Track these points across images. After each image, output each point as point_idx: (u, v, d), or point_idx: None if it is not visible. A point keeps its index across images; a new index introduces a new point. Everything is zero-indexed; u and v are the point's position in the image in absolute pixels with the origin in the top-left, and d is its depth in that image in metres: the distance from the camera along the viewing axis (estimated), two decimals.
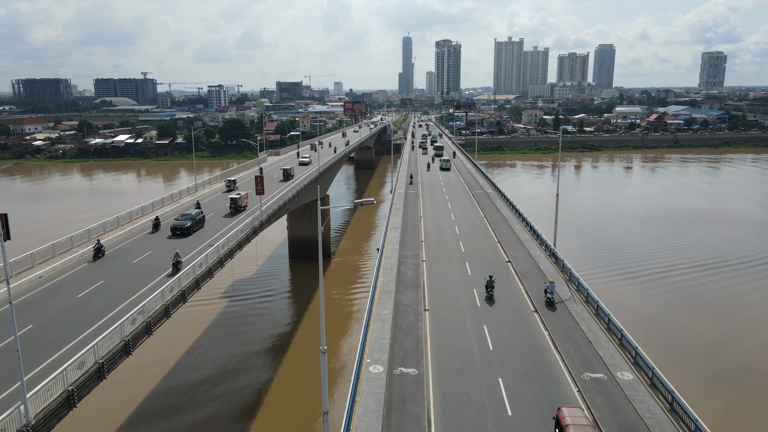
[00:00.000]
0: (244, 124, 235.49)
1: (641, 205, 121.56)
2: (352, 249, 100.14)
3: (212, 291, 69.85)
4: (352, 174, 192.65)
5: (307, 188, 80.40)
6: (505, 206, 66.42)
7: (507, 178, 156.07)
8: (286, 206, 61.36)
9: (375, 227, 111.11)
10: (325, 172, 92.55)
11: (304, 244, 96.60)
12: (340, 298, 73.79)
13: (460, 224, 58.37)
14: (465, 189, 79.73)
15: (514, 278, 42.12)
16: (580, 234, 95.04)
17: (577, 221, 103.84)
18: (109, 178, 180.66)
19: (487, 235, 53.94)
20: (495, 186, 78.01)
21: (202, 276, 37.94)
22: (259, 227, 53.04)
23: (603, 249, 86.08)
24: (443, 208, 66.10)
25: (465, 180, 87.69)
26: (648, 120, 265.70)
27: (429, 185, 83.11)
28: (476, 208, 66.70)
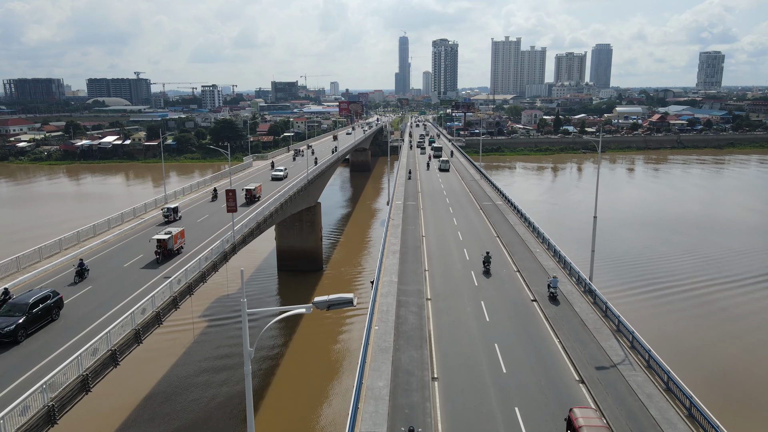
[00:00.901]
0: (235, 125, 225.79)
1: (661, 211, 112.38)
2: (346, 260, 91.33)
3: (183, 316, 60.47)
4: (347, 177, 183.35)
5: (295, 197, 71.43)
6: (519, 222, 57.55)
7: (514, 182, 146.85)
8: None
9: (370, 238, 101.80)
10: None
11: (293, 255, 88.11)
12: (333, 323, 64.68)
13: (470, 246, 49.17)
14: (471, 199, 70.51)
15: (545, 326, 32.86)
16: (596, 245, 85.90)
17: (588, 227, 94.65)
18: (89, 182, 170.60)
19: (503, 262, 44.66)
20: (505, 196, 69.33)
21: None
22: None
23: (628, 262, 76.90)
24: (448, 224, 56.85)
25: (469, 188, 78.43)
26: (650, 120, 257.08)
27: (430, 194, 73.72)
28: (486, 224, 57.43)
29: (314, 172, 78.45)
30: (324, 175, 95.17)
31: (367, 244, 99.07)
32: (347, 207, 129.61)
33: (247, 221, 48.38)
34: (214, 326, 62.80)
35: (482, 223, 57.42)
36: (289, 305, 71.14)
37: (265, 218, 53.27)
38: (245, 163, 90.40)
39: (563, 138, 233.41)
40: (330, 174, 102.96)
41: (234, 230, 44.62)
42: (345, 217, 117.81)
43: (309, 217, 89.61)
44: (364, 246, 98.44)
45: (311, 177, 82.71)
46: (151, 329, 29.42)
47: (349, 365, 48.93)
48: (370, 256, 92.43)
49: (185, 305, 36.42)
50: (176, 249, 42.06)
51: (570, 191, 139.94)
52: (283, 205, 61.69)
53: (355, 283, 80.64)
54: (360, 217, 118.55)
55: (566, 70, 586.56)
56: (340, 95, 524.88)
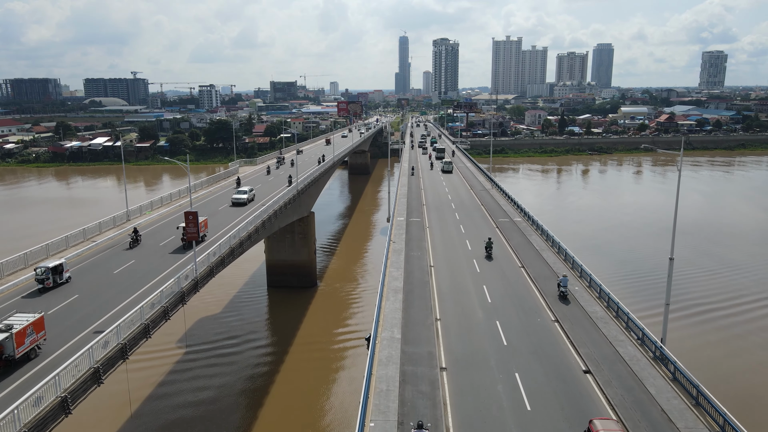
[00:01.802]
0: (231, 126, 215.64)
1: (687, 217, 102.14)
2: (342, 274, 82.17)
3: (162, 340, 50.76)
4: (346, 180, 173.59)
5: (284, 209, 61.93)
6: (546, 247, 46.88)
7: (525, 186, 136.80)
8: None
9: (369, 248, 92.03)
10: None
11: (284, 270, 78.78)
12: (324, 348, 55.31)
13: (491, 282, 39.03)
14: (484, 214, 61.00)
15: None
16: (617, 255, 75.95)
17: (605, 235, 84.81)
18: (71, 186, 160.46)
19: (534, 306, 34.55)
20: (524, 212, 59.39)
21: None
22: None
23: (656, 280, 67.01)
24: (460, 248, 46.82)
25: (480, 199, 68.20)
26: (657, 121, 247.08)
27: (436, 207, 63.35)
28: (507, 250, 47.14)
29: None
30: (318, 183, 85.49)
31: (365, 256, 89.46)
32: (344, 214, 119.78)
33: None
34: (190, 356, 53.33)
35: (501, 248, 47.56)
36: (281, 327, 57.13)
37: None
38: (230, 170, 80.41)
39: (569, 139, 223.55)
40: (325, 180, 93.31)
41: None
42: (342, 226, 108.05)
43: (301, 228, 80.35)
44: (362, 258, 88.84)
45: (301, 187, 73.00)
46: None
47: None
48: (369, 271, 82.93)
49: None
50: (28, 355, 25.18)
51: (587, 194, 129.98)
52: (265, 223, 52.06)
53: (351, 303, 71.40)
54: (358, 225, 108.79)
55: (568, 70, 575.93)
56: (340, 95, 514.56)
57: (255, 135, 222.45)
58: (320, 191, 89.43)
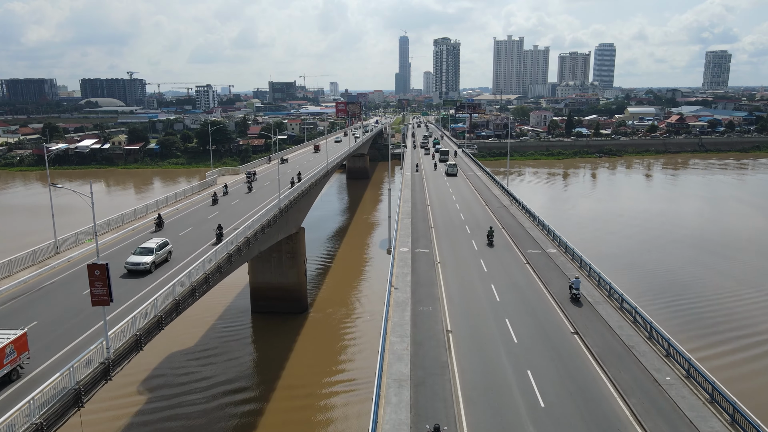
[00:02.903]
0: (224, 128, 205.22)
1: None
2: (337, 298, 72.20)
3: (119, 383, 40.25)
4: (344, 184, 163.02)
5: (270, 225, 51.72)
6: (602, 299, 33.68)
7: (535, 190, 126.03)
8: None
9: (368, 266, 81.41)
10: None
11: (270, 294, 69.11)
12: (312, 394, 45.20)
13: (535, 360, 26.70)
14: (507, 243, 47.64)
15: None
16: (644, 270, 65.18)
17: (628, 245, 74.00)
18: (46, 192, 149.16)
19: (598, 394, 23.55)
20: (557, 238, 46.26)
21: None
22: None
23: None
24: (485, 298, 34.42)
25: (500, 220, 55.80)
26: (667, 122, 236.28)
27: (446, 229, 51.90)
28: (546, 299, 34.68)
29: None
30: (310, 194, 74.92)
31: (363, 275, 79.01)
32: (341, 224, 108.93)
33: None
34: (151, 405, 42.92)
35: (538, 295, 35.16)
36: (264, 365, 53.17)
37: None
38: (208, 180, 69.48)
39: (576, 141, 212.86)
40: (318, 189, 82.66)
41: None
42: (337, 239, 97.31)
43: (290, 246, 70.06)
44: (360, 277, 78.41)
45: (286, 204, 62.44)
46: None
47: None
48: (367, 294, 72.49)
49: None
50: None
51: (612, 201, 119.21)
52: (237, 252, 41.55)
53: (346, 334, 61.40)
54: (356, 237, 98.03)
55: (570, 70, 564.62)
56: (340, 96, 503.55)
57: (250, 137, 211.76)
58: (312, 203, 78.87)
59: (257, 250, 50.80)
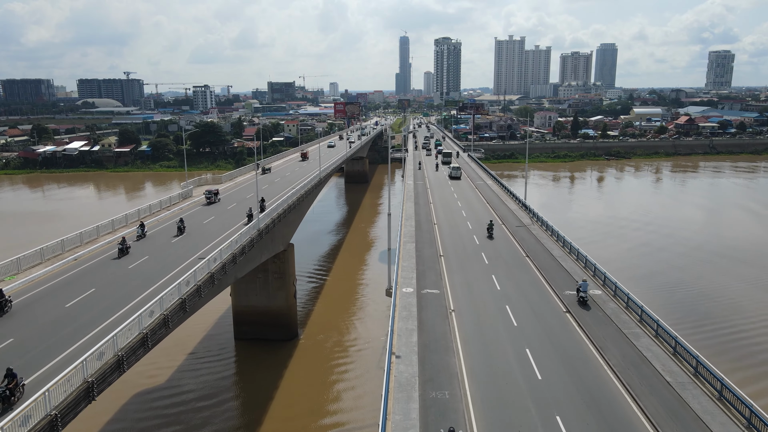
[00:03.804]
0: (218, 129, 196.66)
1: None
2: (331, 322, 64.43)
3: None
4: (342, 189, 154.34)
5: (255, 242, 43.53)
6: (687, 380, 23.84)
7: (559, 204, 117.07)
8: None
9: (366, 284, 72.68)
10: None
11: (256, 319, 59.52)
12: None
13: None
14: (536, 279, 37.71)
15: None
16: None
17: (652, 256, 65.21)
18: (34, 197, 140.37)
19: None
20: (604, 276, 35.68)
21: None
22: None
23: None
24: (521, 376, 24.68)
25: (523, 245, 45.46)
26: (676, 123, 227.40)
27: (461, 262, 41.73)
28: (615, 388, 23.85)
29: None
30: (301, 206, 66.31)
31: (360, 294, 70.32)
32: (336, 235, 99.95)
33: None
34: None
35: (591, 364, 25.62)
36: (249, 397, 46.98)
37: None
38: (183, 192, 60.62)
39: (583, 143, 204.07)
40: (311, 201, 74.00)
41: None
42: (332, 252, 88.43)
43: (277, 266, 61.84)
44: (356, 297, 69.78)
45: (275, 216, 53.88)
46: None
47: None
48: (363, 316, 64.03)
49: None
50: None
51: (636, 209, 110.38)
52: (212, 278, 32.94)
53: (341, 364, 53.64)
54: (353, 250, 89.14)
55: (572, 70, 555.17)
56: (339, 96, 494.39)
57: (246, 138, 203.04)
58: (303, 216, 70.22)
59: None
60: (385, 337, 62.82)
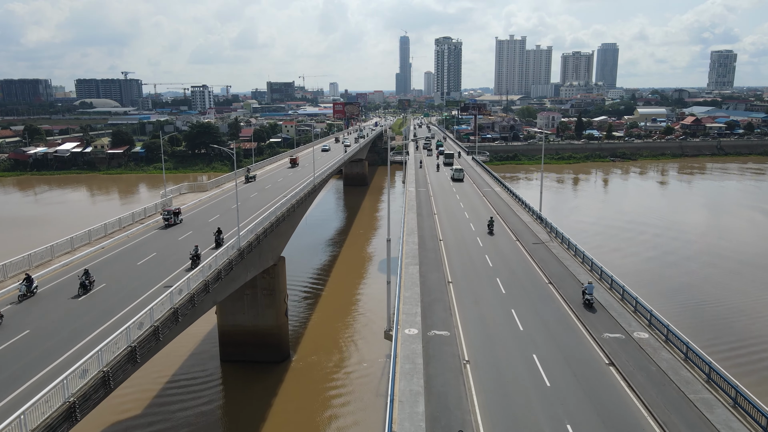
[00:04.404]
0: (214, 130, 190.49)
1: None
2: (323, 343, 59.11)
3: None
4: (340, 191, 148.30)
5: (244, 255, 37.33)
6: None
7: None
8: None
9: (362, 296, 66.44)
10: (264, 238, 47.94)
11: (244, 339, 54.04)
12: None
13: None
14: (565, 316, 30.96)
15: None
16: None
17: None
18: (19, 201, 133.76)
19: None
20: (640, 308, 30.43)
21: None
22: None
23: None
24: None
25: (545, 269, 38.71)
26: (682, 123, 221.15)
27: (474, 295, 34.12)
28: None
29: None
30: (293, 216, 60.20)
31: (359, 310, 64.22)
32: (332, 244, 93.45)
33: None
34: None
35: None
36: (235, 426, 41.77)
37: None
38: (163, 201, 54.39)
39: (588, 144, 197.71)
40: (304, 209, 67.85)
41: None
42: (328, 263, 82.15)
43: (267, 282, 56.00)
44: (354, 313, 63.71)
45: (266, 225, 47.98)
46: None
47: None
48: (363, 336, 58.07)
49: None
50: None
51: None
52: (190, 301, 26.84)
53: (335, 388, 48.18)
54: (351, 259, 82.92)
55: (573, 70, 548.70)
56: (339, 96, 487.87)
57: (242, 140, 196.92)
58: (295, 226, 64.11)
59: None
60: (383, 359, 57.05)
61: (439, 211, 57.41)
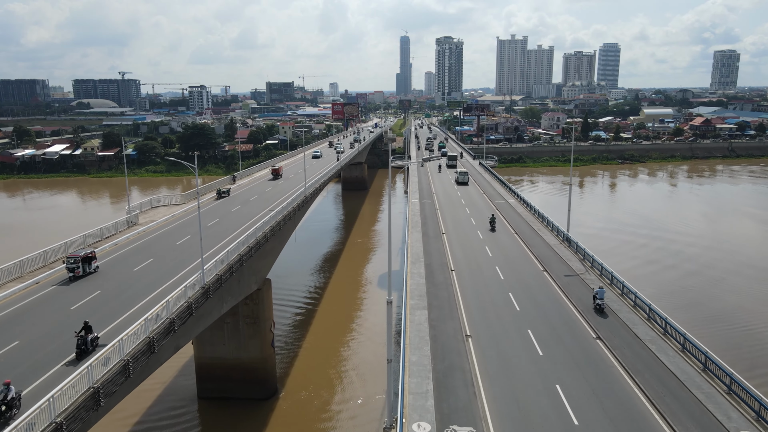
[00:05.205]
0: (209, 132, 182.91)
1: None
2: (314, 377, 51.43)
3: None
4: (339, 195, 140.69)
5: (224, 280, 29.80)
6: None
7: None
8: None
9: (360, 318, 58.67)
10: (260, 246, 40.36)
11: (224, 374, 47.68)
12: None
13: None
14: (635, 400, 21.60)
15: None
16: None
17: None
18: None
19: None
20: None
21: None
22: None
23: None
24: None
25: (587, 317, 29.77)
26: (691, 124, 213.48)
27: (488, 330, 28.28)
28: None
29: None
30: (282, 231, 52.68)
31: (355, 337, 56.59)
32: (327, 258, 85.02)
33: None
34: None
35: None
36: None
37: None
38: (129, 217, 46.67)
39: (594, 146, 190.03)
40: (293, 225, 60.24)
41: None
42: (322, 280, 74.05)
43: (250, 309, 48.79)
44: (350, 340, 56.11)
45: (252, 243, 40.46)
46: None
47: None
48: (359, 368, 50.60)
49: None
50: None
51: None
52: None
53: (329, 429, 40.39)
54: (347, 275, 75.15)
55: (575, 70, 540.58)
56: (339, 96, 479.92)
57: (238, 141, 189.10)
58: (285, 241, 56.55)
59: None
60: (382, 396, 49.64)
61: (447, 230, 49.27)
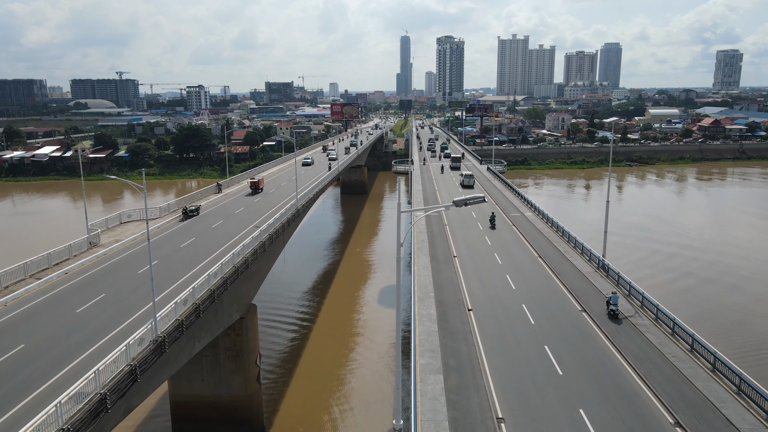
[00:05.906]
0: (204, 133, 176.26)
1: None
2: (307, 417, 45.38)
3: None
4: (338, 200, 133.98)
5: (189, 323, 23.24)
6: None
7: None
8: None
9: (355, 358, 51.82)
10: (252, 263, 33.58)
11: (203, 413, 41.92)
12: None
13: None
14: None
15: None
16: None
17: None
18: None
19: None
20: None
21: None
22: None
23: None
24: None
25: (639, 367, 23.25)
26: (700, 125, 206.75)
27: (525, 402, 21.01)
28: None
29: None
30: (271, 248, 46.12)
31: (352, 366, 49.80)
32: (320, 274, 77.34)
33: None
34: None
35: None
36: None
37: None
38: (89, 236, 40.05)
39: (601, 147, 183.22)
40: (283, 241, 53.64)
41: None
42: (315, 300, 66.75)
43: (231, 340, 42.20)
44: (347, 371, 49.33)
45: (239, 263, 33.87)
46: None
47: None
48: (357, 405, 44.05)
49: None
50: None
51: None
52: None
53: None
54: (344, 293, 68.23)
55: (577, 70, 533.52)
56: (339, 97, 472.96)
57: (234, 143, 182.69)
58: (273, 260, 50.00)
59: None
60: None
61: (459, 252, 41.93)
